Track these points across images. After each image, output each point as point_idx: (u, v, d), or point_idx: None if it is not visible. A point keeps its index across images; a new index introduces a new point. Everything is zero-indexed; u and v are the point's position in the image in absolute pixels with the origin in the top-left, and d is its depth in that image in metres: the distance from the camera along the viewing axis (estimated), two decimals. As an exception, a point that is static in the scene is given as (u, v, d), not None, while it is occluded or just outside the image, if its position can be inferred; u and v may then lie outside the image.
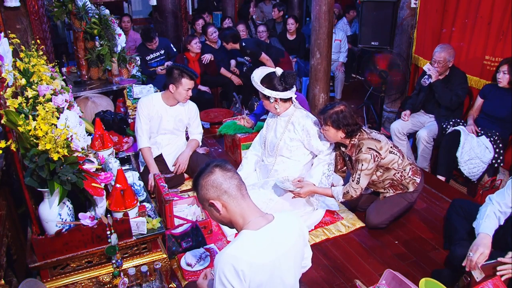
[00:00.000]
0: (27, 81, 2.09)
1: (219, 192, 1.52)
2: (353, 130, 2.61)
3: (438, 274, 2.35)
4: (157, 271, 2.00)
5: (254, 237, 1.49)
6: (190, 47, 4.80)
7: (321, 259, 2.60)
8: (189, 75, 3.01)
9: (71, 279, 2.01)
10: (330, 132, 2.65)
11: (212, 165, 1.56)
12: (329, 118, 2.60)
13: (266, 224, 1.52)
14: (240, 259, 1.43)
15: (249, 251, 1.46)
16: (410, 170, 2.77)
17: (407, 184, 2.78)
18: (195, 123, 3.32)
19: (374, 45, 4.78)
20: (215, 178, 1.52)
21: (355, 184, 2.62)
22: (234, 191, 1.52)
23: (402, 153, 2.77)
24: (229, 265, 1.42)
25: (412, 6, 4.23)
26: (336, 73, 5.75)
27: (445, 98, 3.65)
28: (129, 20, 5.79)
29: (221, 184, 1.52)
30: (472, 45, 3.71)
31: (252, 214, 1.54)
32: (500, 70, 3.34)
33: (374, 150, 2.59)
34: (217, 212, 1.55)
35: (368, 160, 2.57)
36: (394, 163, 2.70)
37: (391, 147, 2.71)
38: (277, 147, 2.95)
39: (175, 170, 3.23)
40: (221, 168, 1.54)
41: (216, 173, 1.53)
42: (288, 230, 1.57)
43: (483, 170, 3.41)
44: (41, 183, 1.79)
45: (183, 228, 2.56)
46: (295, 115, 2.88)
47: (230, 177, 1.54)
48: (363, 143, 2.61)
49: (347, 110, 2.61)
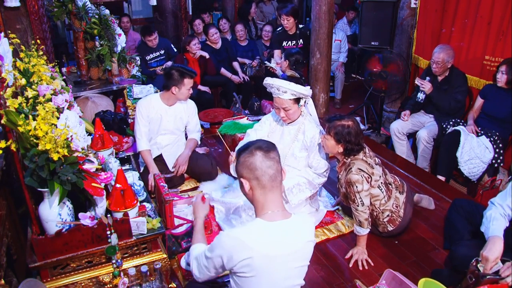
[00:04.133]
0: (27, 81, 2.09)
1: (251, 175, 1.53)
2: (352, 149, 2.47)
3: (438, 274, 2.35)
4: (157, 271, 2.00)
5: (265, 227, 1.52)
6: (189, 48, 4.80)
7: (321, 259, 2.60)
8: (189, 74, 3.03)
9: (71, 279, 2.01)
10: (329, 143, 2.51)
11: (256, 146, 1.55)
12: (333, 129, 2.47)
13: (281, 220, 1.54)
14: (243, 244, 1.46)
15: (255, 239, 1.48)
16: (388, 217, 2.61)
17: (377, 224, 2.67)
18: (193, 121, 3.33)
19: (374, 45, 4.78)
20: (252, 161, 1.52)
21: (361, 207, 2.45)
22: (266, 181, 1.52)
23: (390, 196, 2.60)
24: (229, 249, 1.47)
25: (412, 6, 4.23)
26: (336, 73, 5.75)
27: (444, 105, 3.67)
28: (128, 20, 5.79)
29: (256, 169, 1.52)
30: (472, 45, 3.71)
31: (274, 207, 1.55)
32: (499, 70, 3.35)
33: (365, 172, 2.45)
34: (244, 190, 1.58)
35: (361, 181, 2.42)
36: (376, 200, 2.56)
37: (381, 183, 2.55)
38: (284, 157, 2.82)
39: (175, 171, 3.24)
40: (264, 153, 1.53)
41: (255, 157, 1.52)
42: (300, 232, 1.57)
43: (483, 170, 3.41)
44: (41, 183, 1.79)
45: (183, 228, 2.56)
46: (306, 124, 2.76)
47: (268, 166, 1.52)
48: (354, 163, 2.47)
49: (354, 127, 2.46)
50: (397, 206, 2.64)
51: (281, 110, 2.71)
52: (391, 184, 2.65)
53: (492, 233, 2.11)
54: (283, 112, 2.71)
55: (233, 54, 5.44)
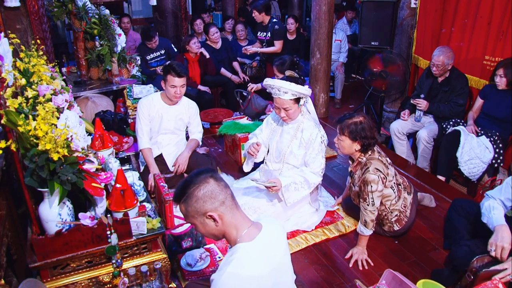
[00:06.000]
0: (27, 81, 2.09)
1: (217, 204, 1.44)
2: (369, 144, 2.48)
3: (438, 274, 2.35)
4: (157, 271, 1.99)
5: (250, 249, 1.45)
6: (189, 48, 4.80)
7: (321, 259, 2.61)
8: (175, 71, 2.94)
9: (71, 279, 2.01)
10: (345, 143, 2.51)
11: (205, 175, 1.47)
12: (346, 128, 2.47)
13: (258, 234, 1.48)
14: (241, 276, 1.39)
15: (249, 265, 1.41)
16: (396, 217, 2.64)
17: (384, 223, 2.69)
18: (195, 122, 3.32)
19: (374, 45, 4.78)
20: (212, 189, 1.44)
21: (371, 207, 2.46)
22: (230, 201, 1.47)
23: (400, 196, 2.62)
24: (232, 286, 1.37)
25: (412, 6, 4.23)
26: (336, 73, 5.75)
27: (445, 112, 3.69)
28: (128, 20, 5.80)
29: (218, 194, 1.45)
30: (472, 45, 3.71)
31: (245, 224, 1.50)
32: (496, 74, 3.35)
33: (381, 173, 2.46)
34: (215, 224, 1.47)
35: (376, 181, 2.43)
36: (388, 200, 2.58)
37: (394, 183, 2.57)
38: (284, 155, 2.85)
39: (174, 171, 3.23)
40: (214, 178, 1.47)
41: (211, 184, 1.45)
42: (278, 235, 1.56)
43: (483, 170, 3.41)
44: (41, 183, 1.79)
45: (183, 228, 2.56)
46: (304, 123, 2.78)
47: (225, 186, 1.48)
48: (371, 162, 2.48)
49: (366, 122, 2.48)
50: (405, 206, 2.66)
51: (282, 110, 2.72)
52: (400, 184, 2.66)
53: (496, 222, 2.14)
54: (283, 112, 2.72)
55: (233, 54, 5.44)
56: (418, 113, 3.78)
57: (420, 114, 3.77)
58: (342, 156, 3.95)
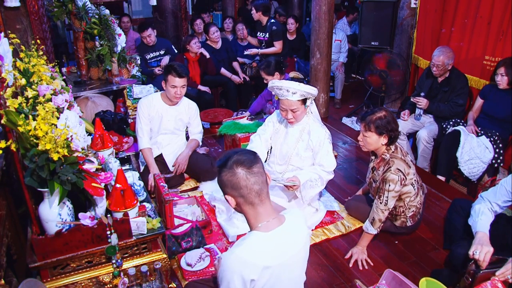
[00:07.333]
0: (27, 81, 2.09)
1: (236, 193, 1.47)
2: (396, 136, 2.52)
3: (438, 274, 2.35)
4: (157, 271, 2.00)
5: (264, 239, 1.46)
6: (190, 47, 4.80)
7: (321, 259, 2.61)
8: (176, 72, 2.94)
9: (71, 279, 2.01)
10: (372, 139, 2.53)
11: (236, 160, 1.45)
12: (372, 124, 2.49)
13: (277, 227, 1.49)
14: (249, 262, 1.40)
15: (258, 254, 1.43)
16: (412, 212, 2.68)
17: (397, 218, 2.71)
18: (195, 123, 3.32)
19: (374, 45, 4.79)
20: (236, 182, 1.44)
21: (383, 205, 2.50)
22: (252, 197, 1.46)
23: (418, 193, 2.65)
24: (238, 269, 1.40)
25: (412, 6, 4.23)
26: (336, 73, 5.74)
27: (445, 112, 3.68)
28: (128, 20, 5.80)
29: (240, 188, 1.45)
30: (472, 45, 3.71)
31: (267, 217, 1.50)
32: (497, 72, 3.34)
33: (402, 173, 2.49)
34: (231, 205, 1.53)
35: (396, 181, 2.47)
36: (407, 196, 2.62)
37: (415, 180, 2.61)
38: (289, 157, 2.83)
39: (174, 170, 3.24)
40: (246, 169, 1.45)
41: (238, 175, 1.44)
42: (298, 232, 1.56)
43: (483, 170, 3.41)
44: (41, 183, 1.79)
45: (183, 228, 2.56)
46: (310, 124, 2.76)
47: (253, 182, 1.44)
48: (394, 162, 2.51)
49: (389, 114, 2.52)
50: (420, 203, 2.72)
51: (289, 112, 2.68)
52: (418, 182, 2.69)
53: (480, 228, 2.16)
54: (290, 114, 2.68)
55: (233, 54, 5.44)
56: (418, 111, 3.77)
57: (420, 113, 3.77)
58: (342, 156, 3.95)
